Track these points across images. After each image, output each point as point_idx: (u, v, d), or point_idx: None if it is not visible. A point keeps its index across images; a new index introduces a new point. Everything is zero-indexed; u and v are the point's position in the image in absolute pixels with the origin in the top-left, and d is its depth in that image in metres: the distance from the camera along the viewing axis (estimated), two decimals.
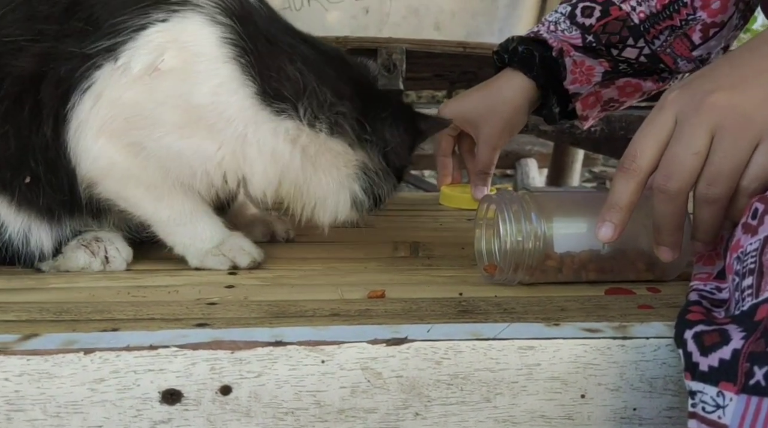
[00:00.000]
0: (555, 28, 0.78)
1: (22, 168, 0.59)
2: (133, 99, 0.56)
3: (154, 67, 0.55)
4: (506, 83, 0.78)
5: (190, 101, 0.56)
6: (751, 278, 0.42)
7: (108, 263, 0.63)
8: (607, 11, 0.76)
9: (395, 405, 0.46)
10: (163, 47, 0.55)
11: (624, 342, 0.47)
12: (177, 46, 0.55)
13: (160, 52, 0.55)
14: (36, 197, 0.60)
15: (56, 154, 0.59)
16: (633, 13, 0.75)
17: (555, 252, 0.58)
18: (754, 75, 0.48)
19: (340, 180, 0.62)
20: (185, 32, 0.56)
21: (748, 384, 0.36)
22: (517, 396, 0.47)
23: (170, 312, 0.52)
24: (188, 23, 0.56)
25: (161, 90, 0.56)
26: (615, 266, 0.59)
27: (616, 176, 0.51)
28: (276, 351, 0.45)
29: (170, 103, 0.56)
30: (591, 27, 0.76)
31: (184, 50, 0.56)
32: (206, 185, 0.61)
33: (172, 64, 0.55)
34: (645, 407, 0.48)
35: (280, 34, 0.60)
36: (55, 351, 0.44)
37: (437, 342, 0.46)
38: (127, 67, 0.55)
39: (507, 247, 0.57)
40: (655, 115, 0.50)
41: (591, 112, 0.83)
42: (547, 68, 0.77)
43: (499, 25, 3.32)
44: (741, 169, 0.47)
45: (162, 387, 0.44)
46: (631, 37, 0.75)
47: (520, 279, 0.58)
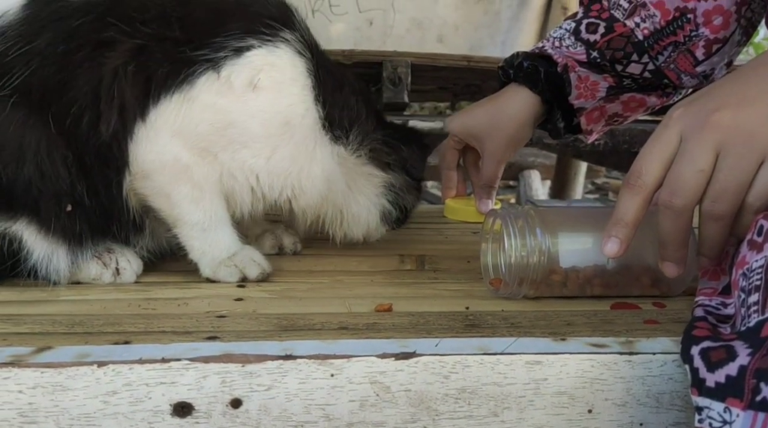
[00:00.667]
0: (560, 44, 0.79)
1: (64, 195, 0.61)
2: (226, 107, 0.62)
3: (253, 84, 0.62)
4: (511, 98, 0.79)
5: (277, 118, 0.64)
6: (757, 294, 0.42)
7: (119, 275, 0.64)
8: (611, 27, 0.77)
9: (404, 418, 0.47)
10: (260, 68, 0.62)
11: (631, 357, 0.48)
12: (272, 69, 0.63)
13: (257, 71, 0.62)
14: (73, 224, 0.61)
15: (107, 155, 0.61)
16: (637, 29, 0.75)
17: (560, 267, 0.58)
18: (759, 94, 0.48)
19: (371, 199, 0.72)
20: (279, 59, 0.64)
21: (754, 401, 0.37)
22: (525, 411, 0.47)
23: (180, 325, 0.52)
24: (281, 52, 0.64)
25: (254, 104, 0.63)
26: (620, 282, 0.59)
27: (622, 192, 0.51)
28: (286, 364, 0.46)
29: (259, 117, 0.63)
30: (595, 43, 0.77)
31: (278, 73, 0.64)
32: (256, 197, 0.66)
33: (266, 84, 0.63)
34: (652, 422, 0.48)
35: (334, 67, 0.70)
36: (69, 364, 0.44)
37: (445, 356, 0.47)
38: (228, 79, 0.61)
39: (511, 261, 0.58)
40: (660, 132, 0.51)
41: (595, 126, 0.84)
42: (551, 83, 0.78)
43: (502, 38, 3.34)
44: (746, 186, 0.47)
45: (173, 399, 0.45)
46: (636, 53, 0.76)
47: (524, 293, 0.59)
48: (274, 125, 0.63)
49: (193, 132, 0.62)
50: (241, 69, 0.62)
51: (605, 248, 0.52)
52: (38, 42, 0.59)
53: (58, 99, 0.59)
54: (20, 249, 0.60)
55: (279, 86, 0.64)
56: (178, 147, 0.62)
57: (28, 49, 0.59)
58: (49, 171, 0.59)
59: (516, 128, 0.79)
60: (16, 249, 0.61)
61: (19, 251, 0.61)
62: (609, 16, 0.78)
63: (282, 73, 0.64)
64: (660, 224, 0.51)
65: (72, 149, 0.60)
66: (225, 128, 0.62)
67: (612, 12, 0.78)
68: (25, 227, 0.60)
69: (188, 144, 0.62)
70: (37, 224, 0.61)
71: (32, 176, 0.59)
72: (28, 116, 0.59)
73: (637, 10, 0.76)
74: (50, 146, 0.59)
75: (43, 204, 0.60)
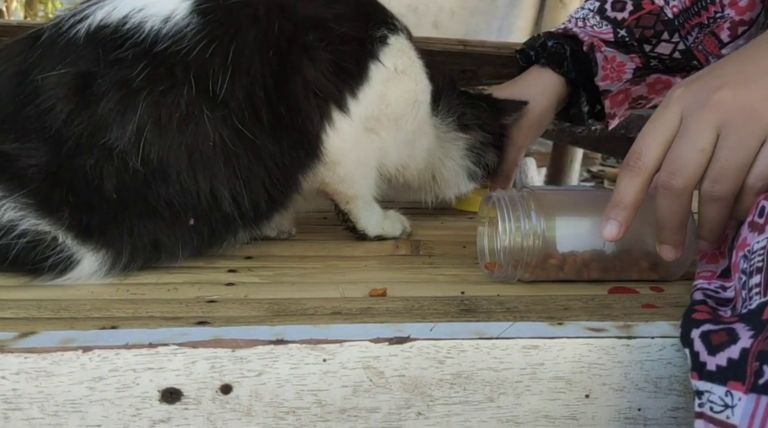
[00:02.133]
0: (584, 23, 0.77)
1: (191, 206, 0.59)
2: (389, 92, 0.69)
3: (396, 68, 0.69)
4: (534, 81, 0.77)
5: (411, 95, 0.71)
6: (758, 276, 0.42)
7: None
8: (639, 5, 0.74)
9: (397, 404, 0.46)
10: (398, 54, 0.70)
11: (629, 341, 0.47)
12: (404, 54, 0.70)
13: (398, 56, 0.70)
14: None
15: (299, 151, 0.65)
16: (666, 7, 0.73)
17: (557, 251, 0.57)
18: (761, 72, 0.47)
19: (458, 161, 0.78)
20: (405, 44, 0.71)
21: (757, 384, 0.36)
22: (521, 396, 0.46)
23: (170, 310, 0.51)
24: (403, 37, 0.71)
25: (401, 85, 0.70)
26: (618, 266, 0.59)
27: (621, 174, 0.50)
28: (277, 349, 0.45)
29: (403, 97, 0.70)
30: (623, 21, 0.74)
31: (408, 57, 0.71)
32: (382, 171, 0.74)
33: (405, 67, 0.70)
34: (650, 407, 0.47)
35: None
36: (54, 349, 0.43)
37: (440, 341, 0.46)
38: (386, 66, 0.68)
39: (506, 244, 0.57)
40: (660, 112, 0.49)
41: (618, 110, 0.81)
42: (578, 63, 0.76)
43: (498, 24, 3.32)
44: (747, 166, 0.46)
45: (161, 385, 0.44)
46: (666, 32, 0.74)
47: (519, 277, 0.58)
48: (410, 103, 0.71)
49: (370, 115, 0.68)
50: (389, 56, 0.68)
51: (604, 231, 0.50)
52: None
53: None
54: (69, 267, 0.57)
55: (411, 68, 0.71)
56: (360, 130, 0.68)
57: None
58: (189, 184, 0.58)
59: (539, 111, 0.77)
60: (65, 267, 0.57)
61: (67, 269, 0.57)
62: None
63: (410, 56, 0.71)
64: (658, 206, 0.50)
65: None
66: (386, 107, 0.69)
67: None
68: (97, 255, 0.57)
69: (366, 127, 0.68)
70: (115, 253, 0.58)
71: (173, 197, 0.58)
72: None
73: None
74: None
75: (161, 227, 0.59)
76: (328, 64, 0.64)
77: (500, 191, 0.61)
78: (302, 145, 0.64)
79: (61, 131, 0.55)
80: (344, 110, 0.66)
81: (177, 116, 0.56)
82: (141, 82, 0.55)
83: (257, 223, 0.65)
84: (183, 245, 0.60)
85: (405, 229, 0.76)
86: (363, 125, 0.68)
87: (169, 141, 0.56)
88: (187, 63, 0.57)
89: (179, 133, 0.56)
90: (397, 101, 0.70)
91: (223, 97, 0.58)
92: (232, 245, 0.66)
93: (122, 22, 0.57)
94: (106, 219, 0.57)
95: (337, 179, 0.69)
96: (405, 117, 0.71)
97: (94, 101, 0.55)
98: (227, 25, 0.60)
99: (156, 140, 0.56)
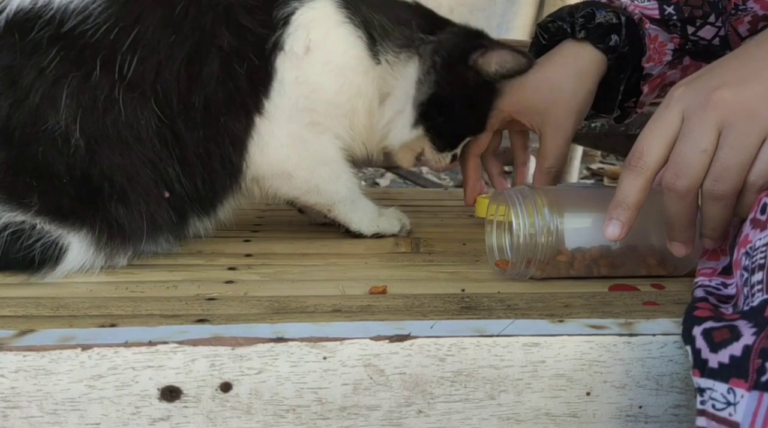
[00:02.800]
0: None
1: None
2: (303, 77, 0.62)
3: (307, 47, 0.62)
4: (574, 58, 0.66)
5: (339, 65, 0.64)
6: (761, 273, 0.41)
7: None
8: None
9: (398, 402, 0.46)
10: (306, 29, 0.62)
11: (630, 338, 0.47)
12: (318, 25, 0.63)
13: (307, 32, 0.62)
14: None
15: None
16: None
17: (566, 248, 0.57)
18: (761, 71, 0.47)
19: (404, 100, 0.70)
20: (316, 13, 0.63)
21: (760, 381, 0.36)
22: (522, 394, 0.46)
23: (169, 308, 0.51)
24: (315, 5, 0.63)
25: (318, 61, 0.63)
26: (626, 262, 0.59)
27: (623, 174, 0.50)
28: (277, 347, 0.44)
29: (327, 73, 0.64)
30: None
31: (324, 26, 0.63)
32: (365, 147, 0.69)
33: (317, 39, 0.62)
34: (651, 404, 0.47)
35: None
36: (53, 347, 0.43)
37: (441, 338, 0.46)
38: (292, 50, 0.62)
39: (520, 241, 0.56)
40: (661, 112, 0.49)
41: (649, 97, 0.74)
42: (629, 39, 0.66)
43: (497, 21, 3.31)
44: (748, 164, 0.46)
45: (161, 383, 0.44)
46: (713, 14, 0.69)
47: (531, 274, 0.58)
48: (342, 74, 0.64)
49: (300, 111, 0.63)
50: (295, 35, 0.62)
51: (607, 231, 0.50)
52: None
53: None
54: (60, 257, 0.58)
55: (328, 36, 0.64)
56: (297, 130, 0.63)
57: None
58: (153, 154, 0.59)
59: (585, 94, 0.67)
60: (57, 256, 0.58)
61: (58, 258, 0.58)
62: None
63: (326, 23, 0.64)
64: (665, 206, 0.50)
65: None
66: (312, 94, 0.63)
67: None
68: (83, 237, 0.58)
69: (302, 124, 0.63)
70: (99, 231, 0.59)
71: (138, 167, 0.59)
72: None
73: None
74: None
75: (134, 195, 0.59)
76: (232, 57, 0.60)
77: (511, 188, 0.61)
78: (221, 141, 0.61)
79: (8, 124, 0.57)
80: (263, 113, 0.61)
81: (102, 99, 0.57)
82: (57, 70, 0.56)
83: (210, 207, 0.64)
84: (146, 226, 0.60)
85: (404, 226, 0.73)
86: (298, 122, 0.63)
87: (100, 124, 0.57)
88: (96, 45, 0.57)
89: (106, 116, 0.57)
90: (321, 81, 0.63)
91: (134, 80, 0.57)
92: (198, 232, 0.66)
93: (33, 2, 0.58)
94: (71, 199, 0.58)
95: (299, 191, 0.65)
96: (341, 92, 0.64)
97: (25, 95, 0.56)
98: (132, 3, 0.59)
99: (87, 125, 0.57)
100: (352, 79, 0.65)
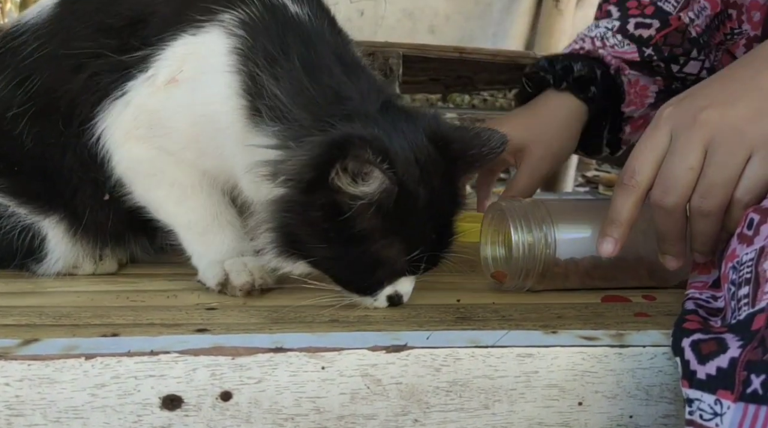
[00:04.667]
0: (603, 43, 0.71)
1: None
2: (154, 106, 0.57)
3: (173, 78, 0.55)
4: (557, 108, 0.70)
5: (198, 109, 0.56)
6: (747, 287, 0.43)
7: (101, 260, 0.64)
8: (666, 21, 0.70)
9: (394, 411, 0.47)
10: (184, 59, 0.56)
11: (621, 350, 0.48)
12: (194, 59, 0.56)
13: (181, 63, 0.55)
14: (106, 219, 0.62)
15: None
16: (691, 26, 0.70)
17: (560, 259, 0.58)
18: (745, 91, 0.49)
19: None
20: (204, 45, 0.55)
21: (745, 392, 0.37)
22: (516, 403, 0.47)
23: (170, 317, 0.52)
24: (211, 36, 0.55)
25: (176, 99, 0.56)
26: (618, 274, 0.60)
27: (616, 192, 0.51)
28: (276, 357, 0.45)
29: (182, 113, 0.56)
30: (650, 39, 0.70)
31: (200, 62, 0.56)
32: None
33: (188, 76, 0.55)
34: (641, 414, 0.48)
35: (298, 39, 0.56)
36: (56, 357, 0.44)
37: (436, 349, 0.47)
38: (154, 77, 0.56)
39: (519, 254, 0.57)
40: (651, 132, 0.51)
41: (634, 136, 0.75)
42: (606, 89, 0.70)
43: (493, 30, 3.33)
44: (734, 181, 0.48)
45: (162, 392, 0.45)
46: (695, 50, 0.71)
47: (529, 286, 0.58)
48: (197, 117, 0.56)
49: (138, 135, 0.58)
50: (165, 63, 0.56)
51: (601, 248, 0.52)
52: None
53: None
54: (39, 246, 0.61)
55: (199, 77, 0.56)
56: (137, 149, 0.58)
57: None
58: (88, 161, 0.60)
59: (563, 139, 0.70)
60: (35, 245, 0.61)
61: (37, 247, 0.61)
62: (655, 10, 0.71)
63: (204, 61, 0.55)
64: (656, 222, 0.51)
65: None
66: (159, 128, 0.57)
67: (659, 5, 0.71)
68: (55, 223, 0.61)
69: (146, 144, 0.58)
70: (69, 220, 0.61)
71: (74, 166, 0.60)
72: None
73: (690, 3, 0.70)
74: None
75: (80, 193, 0.61)
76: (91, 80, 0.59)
77: (508, 201, 0.61)
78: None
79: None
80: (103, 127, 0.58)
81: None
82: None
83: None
84: (109, 226, 0.62)
85: (254, 282, 0.57)
86: (142, 141, 0.58)
87: (28, 128, 0.60)
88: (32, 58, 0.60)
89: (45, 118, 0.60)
90: (172, 118, 0.57)
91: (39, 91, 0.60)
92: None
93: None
94: (31, 183, 0.61)
95: (144, 202, 0.61)
96: (193, 134, 0.57)
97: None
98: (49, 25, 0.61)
99: (24, 127, 0.60)
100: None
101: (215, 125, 0.55)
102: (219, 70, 0.54)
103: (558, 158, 0.71)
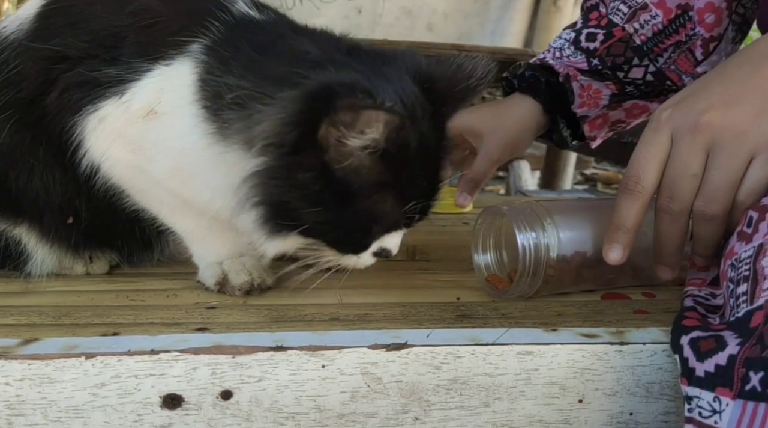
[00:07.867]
0: (560, 54, 0.80)
1: (67, 208, 0.60)
2: (134, 137, 0.54)
3: (152, 110, 0.52)
4: (516, 105, 0.80)
5: (173, 146, 0.53)
6: (745, 285, 0.43)
7: (91, 263, 0.64)
8: (610, 33, 0.77)
9: (395, 409, 0.47)
10: (161, 91, 0.52)
11: (621, 347, 0.48)
12: (169, 91, 0.52)
13: (158, 95, 0.52)
14: (70, 235, 0.61)
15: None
16: (635, 35, 0.76)
17: (553, 259, 0.57)
18: (745, 92, 0.49)
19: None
20: (177, 77, 0.52)
21: (744, 390, 0.37)
22: (516, 401, 0.47)
23: (170, 316, 0.52)
24: (182, 68, 0.52)
25: (154, 132, 0.53)
26: (606, 274, 0.58)
27: (621, 198, 0.51)
28: (277, 355, 0.45)
29: (161, 145, 0.54)
30: (595, 51, 0.78)
31: (173, 94, 0.52)
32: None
33: (165, 109, 0.52)
34: (641, 412, 0.48)
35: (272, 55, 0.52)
36: (57, 356, 0.44)
37: (437, 347, 0.47)
38: (129, 103, 0.53)
39: (527, 259, 0.55)
40: (651, 136, 0.51)
41: (599, 133, 0.84)
42: (554, 93, 0.79)
43: (492, 27, 3.33)
44: (736, 184, 0.48)
45: (163, 391, 0.45)
46: (636, 57, 0.76)
47: (534, 291, 0.56)
48: (177, 151, 0.53)
49: (126, 156, 0.55)
50: (141, 92, 0.53)
51: (609, 255, 0.52)
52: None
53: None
54: (21, 251, 0.61)
55: (174, 110, 0.52)
56: (123, 154, 0.55)
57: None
58: (52, 188, 0.58)
59: (517, 131, 0.79)
60: (17, 250, 0.61)
61: (20, 252, 0.61)
62: (608, 22, 0.78)
63: (176, 94, 0.52)
64: (657, 228, 0.52)
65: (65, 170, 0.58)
66: (141, 153, 0.54)
67: (610, 17, 0.78)
68: (27, 231, 0.61)
69: (129, 165, 0.55)
70: (38, 231, 0.60)
71: (39, 190, 0.58)
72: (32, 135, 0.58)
73: (636, 14, 0.76)
74: (47, 164, 0.58)
75: (47, 216, 0.59)
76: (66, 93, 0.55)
77: (510, 205, 0.60)
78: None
79: None
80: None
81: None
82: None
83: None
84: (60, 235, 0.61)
85: (253, 282, 0.57)
86: (125, 150, 0.55)
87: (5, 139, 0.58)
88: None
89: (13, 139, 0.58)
90: (150, 144, 0.54)
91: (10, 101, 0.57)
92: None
93: None
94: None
95: (143, 205, 0.58)
96: (170, 166, 0.54)
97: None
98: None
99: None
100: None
101: (192, 157, 0.52)
102: (187, 101, 0.52)
103: (513, 147, 0.79)
